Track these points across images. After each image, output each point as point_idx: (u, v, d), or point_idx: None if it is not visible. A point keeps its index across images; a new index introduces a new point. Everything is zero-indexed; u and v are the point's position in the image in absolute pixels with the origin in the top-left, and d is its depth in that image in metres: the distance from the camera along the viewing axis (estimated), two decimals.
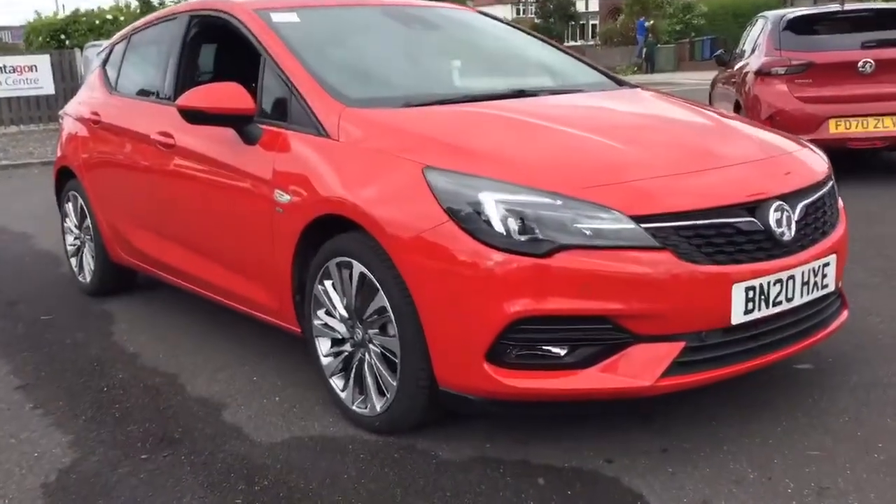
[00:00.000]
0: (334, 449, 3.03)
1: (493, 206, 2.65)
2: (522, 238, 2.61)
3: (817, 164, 3.24)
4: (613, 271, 2.58)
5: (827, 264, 2.98)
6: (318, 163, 3.21)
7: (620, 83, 4.12)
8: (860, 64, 7.29)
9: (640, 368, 2.64)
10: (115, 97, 4.90)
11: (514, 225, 2.62)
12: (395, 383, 2.95)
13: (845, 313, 3.23)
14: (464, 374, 2.73)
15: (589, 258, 2.59)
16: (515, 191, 2.68)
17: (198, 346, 4.16)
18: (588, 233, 2.60)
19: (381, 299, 2.93)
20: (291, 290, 3.39)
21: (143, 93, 4.67)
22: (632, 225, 2.61)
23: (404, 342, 2.86)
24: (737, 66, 8.83)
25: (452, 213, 2.69)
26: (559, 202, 2.65)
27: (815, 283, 2.93)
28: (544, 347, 2.66)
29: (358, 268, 3.00)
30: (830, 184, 3.20)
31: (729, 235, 2.72)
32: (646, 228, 2.62)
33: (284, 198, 3.30)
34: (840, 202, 3.27)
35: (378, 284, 2.92)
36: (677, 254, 2.62)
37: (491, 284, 2.62)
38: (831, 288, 3.04)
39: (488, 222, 2.64)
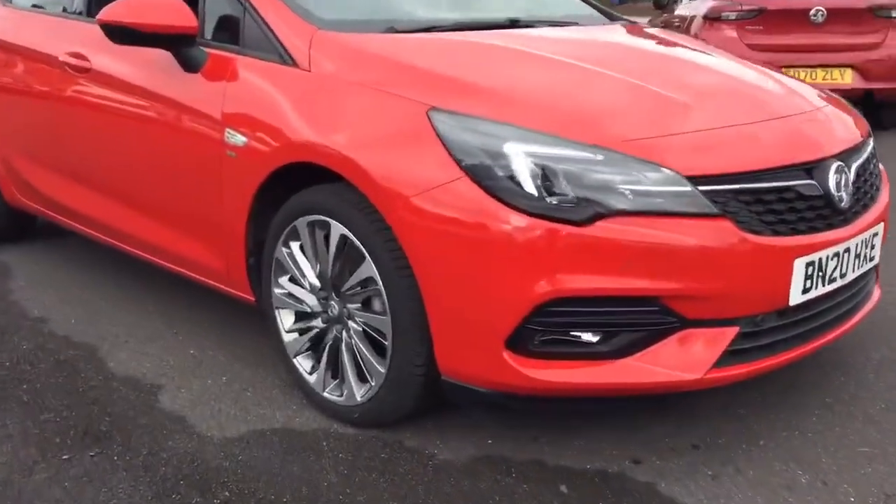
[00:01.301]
0: (306, 447, 2.52)
1: (522, 159, 2.14)
2: (557, 201, 2.12)
3: (856, 118, 2.86)
4: (665, 243, 2.13)
5: (876, 234, 2.61)
6: (283, 98, 2.62)
7: (613, 18, 3.63)
8: (812, 13, 7.03)
9: (688, 359, 2.21)
10: (7, 9, 4.10)
11: (546, 184, 2.13)
12: (382, 369, 2.45)
13: (878, 290, 2.89)
14: (476, 362, 2.25)
15: (637, 227, 2.12)
16: (549, 142, 2.18)
17: (118, 310, 3.53)
18: (635, 196, 2.13)
19: (369, 269, 2.40)
20: (244, 250, 2.81)
21: (46, 5, 3.90)
22: (688, 187, 2.16)
23: (397, 322, 2.36)
24: (677, 11, 8.48)
25: (468, 168, 2.18)
26: (600, 157, 2.16)
27: (865, 256, 2.56)
28: (574, 333, 2.20)
29: (337, 229, 2.46)
30: (872, 142, 2.83)
31: (790, 201, 2.30)
32: (704, 192, 2.17)
33: (238, 139, 2.70)
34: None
35: (365, 251, 2.39)
36: (737, 222, 2.19)
37: (518, 257, 2.13)
38: (876, 261, 2.68)
39: (515, 180, 2.14)
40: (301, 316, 2.73)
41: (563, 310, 2.16)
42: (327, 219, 2.49)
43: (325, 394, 2.65)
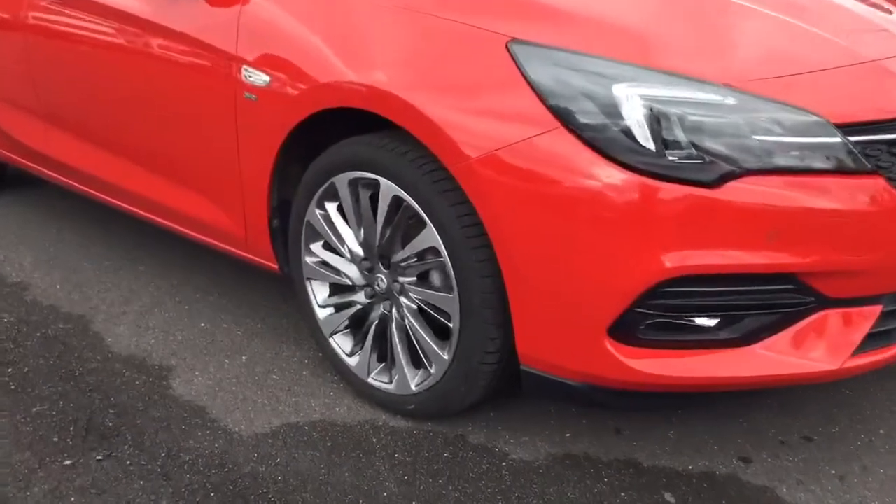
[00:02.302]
0: (354, 445, 2.13)
1: (637, 105, 1.73)
2: (679, 157, 1.71)
3: None
4: (809, 207, 1.74)
5: None
6: (319, 26, 2.16)
7: None
8: None
9: (826, 345, 1.85)
10: None
11: (667, 136, 1.72)
12: (445, 355, 2.05)
13: None
14: (567, 351, 1.87)
15: (775, 188, 1.73)
16: (669, 83, 1.76)
17: (107, 273, 3.09)
18: (773, 150, 1.73)
19: (430, 237, 1.99)
20: (267, 211, 2.38)
21: None
22: (837, 138, 1.76)
23: (467, 301, 1.96)
24: None
25: (565, 116, 1.76)
26: (731, 101, 1.75)
27: None
28: (689, 316, 1.81)
29: (389, 189, 2.04)
30: None
31: None
32: (854, 143, 1.77)
33: (259, 79, 2.24)
34: None
35: (426, 216, 1.98)
36: (890, 180, 1.80)
37: (630, 228, 1.72)
38: None
39: (627, 132, 1.72)
40: (338, 289, 2.32)
41: (681, 290, 1.76)
42: (375, 176, 2.06)
43: (370, 380, 2.26)
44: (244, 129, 2.33)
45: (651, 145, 1.71)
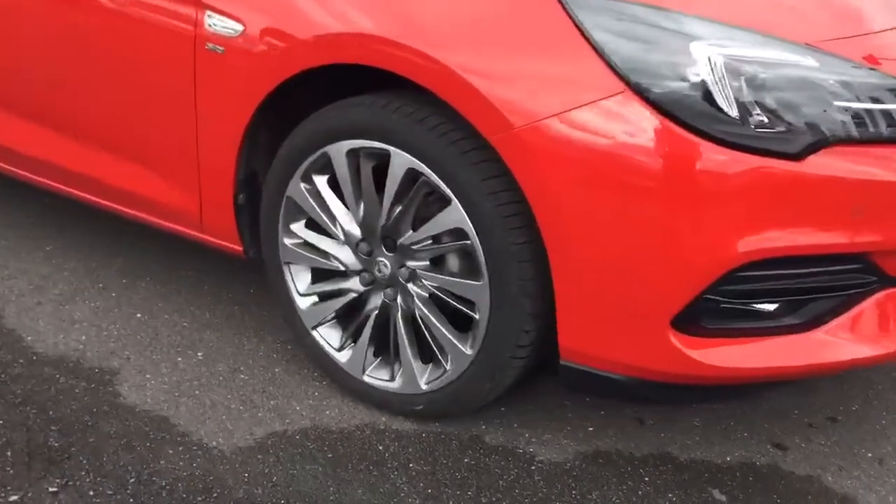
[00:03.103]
0: (359, 455, 1.86)
1: (720, 65, 1.52)
2: (761, 125, 1.53)
3: None
4: (892, 181, 1.60)
5: None
6: None
7: None
8: None
9: (890, 326, 1.72)
10: None
11: (748, 102, 1.52)
12: (467, 349, 1.81)
13: None
14: (623, 345, 1.67)
15: (862, 160, 1.58)
16: (753, 42, 1.56)
17: (7, 257, 2.63)
18: (860, 117, 1.57)
19: (454, 217, 1.73)
20: (233, 185, 2.04)
21: None
22: None
23: (500, 290, 1.72)
24: None
25: (633, 79, 1.53)
26: (812, 62, 1.58)
27: None
28: (756, 302, 1.65)
29: (402, 161, 1.76)
30: None
31: None
32: None
33: (228, 27, 1.89)
34: None
35: (451, 192, 1.71)
36: None
37: (709, 205, 1.53)
38: None
39: (707, 96, 1.52)
40: (324, 275, 2.02)
41: (756, 274, 1.59)
42: (385, 146, 1.77)
43: (366, 377, 1.99)
44: (204, 87, 1.97)
45: (733, 112, 1.51)
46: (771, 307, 1.68)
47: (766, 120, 1.52)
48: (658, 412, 2.03)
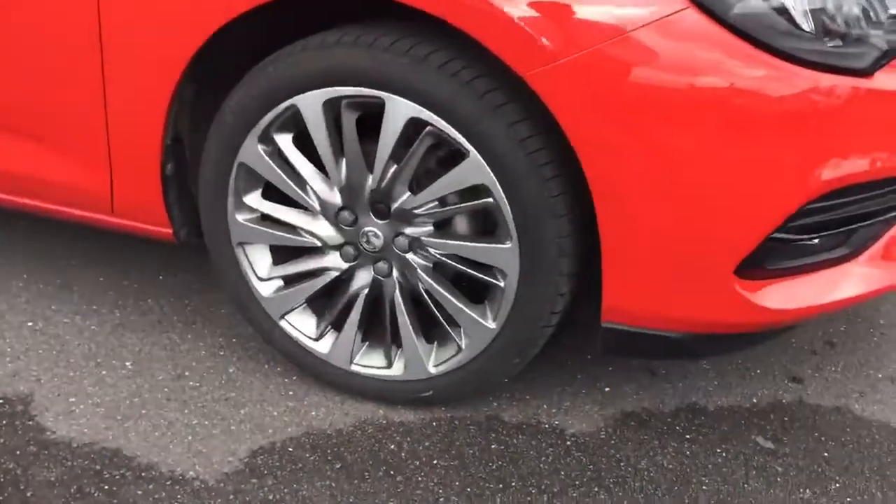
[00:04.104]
0: (371, 459, 1.58)
1: None
2: (835, 40, 1.36)
3: None
4: None
5: None
6: None
7: None
8: None
9: None
10: None
11: (822, 14, 1.35)
12: (490, 323, 1.56)
13: None
14: (681, 299, 1.48)
15: None
16: None
17: None
18: None
19: (474, 172, 1.46)
20: (160, 154, 1.64)
21: None
22: None
23: (532, 251, 1.48)
24: None
25: None
26: None
27: None
28: (815, 236, 1.51)
29: (402, 110, 1.45)
30: None
31: None
32: None
33: None
34: None
35: (468, 144, 1.43)
36: None
37: (786, 132, 1.35)
38: None
39: (780, 9, 1.32)
40: (289, 253, 1.69)
41: (824, 205, 1.44)
42: (378, 93, 1.45)
43: (355, 367, 1.69)
44: (114, 30, 1.55)
45: (809, 26, 1.33)
46: (827, 239, 1.54)
47: (838, 33, 1.35)
48: (662, 361, 1.89)
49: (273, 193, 1.64)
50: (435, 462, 1.58)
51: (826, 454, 1.65)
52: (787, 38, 1.32)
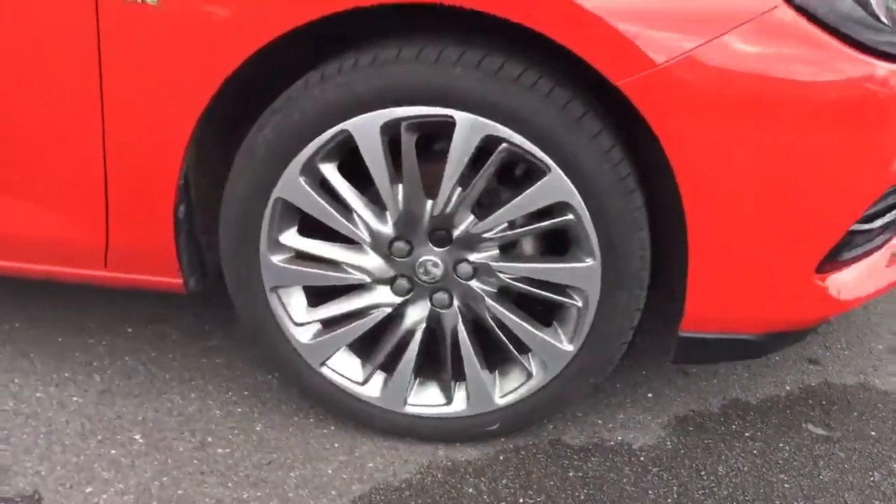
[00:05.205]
0: None
1: None
2: None
3: None
4: None
5: None
6: None
7: None
8: None
9: None
10: None
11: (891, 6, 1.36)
12: (568, 345, 1.48)
13: None
14: (764, 300, 1.46)
15: None
16: None
17: None
18: None
19: (555, 189, 1.37)
20: (174, 195, 1.43)
21: None
22: None
23: (617, 267, 1.41)
24: None
25: None
26: None
27: None
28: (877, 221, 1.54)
29: (476, 128, 1.34)
30: None
31: None
32: None
33: None
34: None
35: (550, 160, 1.34)
36: None
37: (873, 124, 1.35)
38: None
39: (864, 3, 1.32)
40: (328, 293, 1.52)
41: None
42: (449, 111, 1.33)
43: (410, 408, 1.56)
44: (118, 56, 1.33)
45: (886, 20, 1.34)
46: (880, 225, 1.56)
47: None
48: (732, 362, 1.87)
49: (310, 228, 1.47)
50: (521, 501, 1.48)
51: (873, 433, 1.69)
52: (870, 32, 1.32)
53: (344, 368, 1.55)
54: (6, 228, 1.50)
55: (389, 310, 1.51)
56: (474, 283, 1.47)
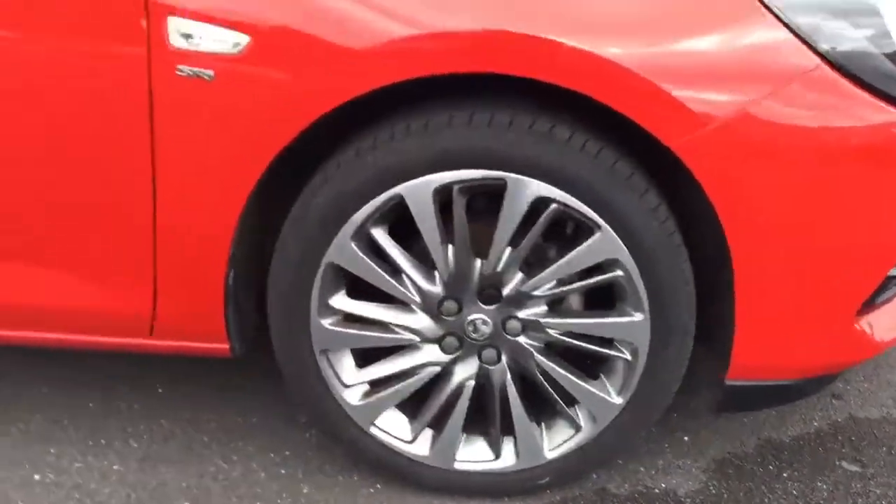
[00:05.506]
0: None
1: None
2: None
3: None
4: None
5: None
6: None
7: None
8: None
9: None
10: None
11: None
12: (618, 398, 1.50)
13: None
14: (807, 346, 1.49)
15: None
16: None
17: None
18: None
19: (604, 247, 1.39)
20: (226, 264, 1.43)
21: None
22: None
23: (667, 320, 1.44)
24: None
25: (828, 50, 1.32)
26: None
27: None
28: None
29: (528, 189, 1.36)
30: None
31: None
32: None
33: (218, 40, 1.28)
34: None
35: (600, 218, 1.37)
36: None
37: None
38: None
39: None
40: (375, 354, 1.53)
41: None
42: (499, 174, 1.35)
43: (459, 465, 1.56)
44: (171, 130, 1.34)
45: None
46: None
47: None
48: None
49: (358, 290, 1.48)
50: None
51: None
52: None
53: (392, 427, 1.55)
54: (50, 301, 1.48)
55: (438, 368, 1.52)
56: (522, 339, 1.49)
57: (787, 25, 1.31)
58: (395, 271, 1.45)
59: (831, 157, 1.35)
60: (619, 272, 1.41)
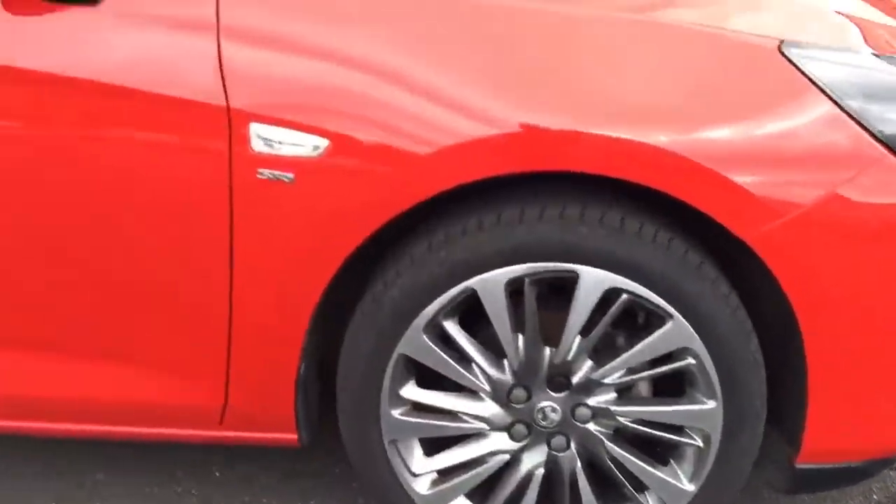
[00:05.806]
0: None
1: None
2: None
3: None
4: None
5: None
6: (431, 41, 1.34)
7: None
8: None
9: None
10: None
11: None
12: (690, 485, 1.50)
13: None
14: (874, 429, 1.49)
15: None
16: None
17: None
18: None
19: (676, 336, 1.40)
20: (298, 358, 1.44)
21: None
22: None
23: (740, 408, 1.44)
24: None
25: (882, 130, 1.35)
26: None
27: None
28: None
29: (599, 281, 1.37)
30: None
31: None
32: None
33: (297, 143, 1.31)
34: None
35: (672, 308, 1.38)
36: None
37: None
38: None
39: None
40: (442, 442, 1.53)
41: None
42: (571, 266, 1.36)
43: None
44: (250, 229, 1.36)
45: None
46: None
47: None
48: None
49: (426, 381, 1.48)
50: None
51: None
52: None
53: None
54: (119, 394, 1.49)
55: (507, 456, 1.52)
56: (592, 426, 1.49)
57: (842, 108, 1.33)
58: (463, 358, 1.46)
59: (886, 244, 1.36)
60: (691, 360, 1.41)
